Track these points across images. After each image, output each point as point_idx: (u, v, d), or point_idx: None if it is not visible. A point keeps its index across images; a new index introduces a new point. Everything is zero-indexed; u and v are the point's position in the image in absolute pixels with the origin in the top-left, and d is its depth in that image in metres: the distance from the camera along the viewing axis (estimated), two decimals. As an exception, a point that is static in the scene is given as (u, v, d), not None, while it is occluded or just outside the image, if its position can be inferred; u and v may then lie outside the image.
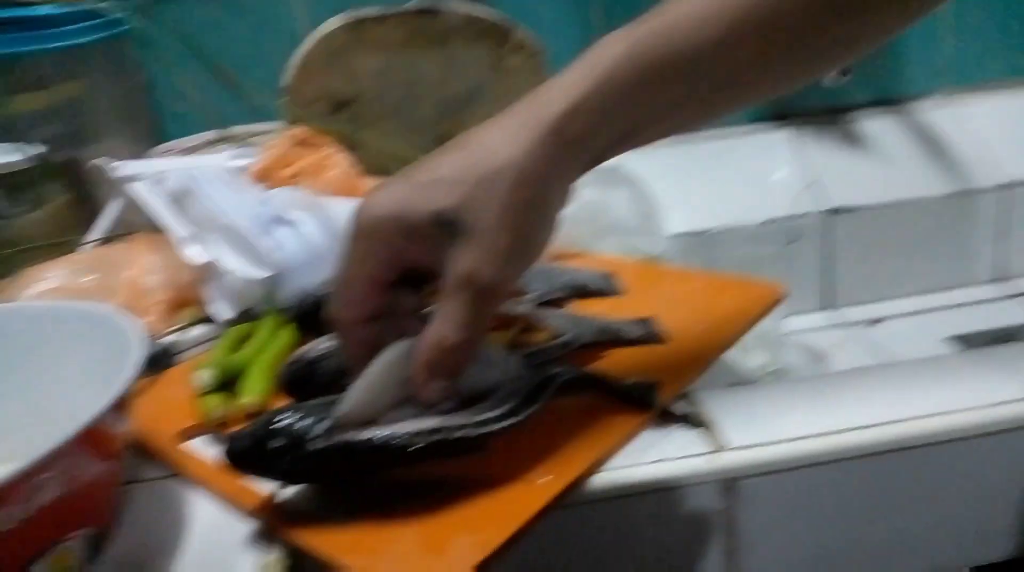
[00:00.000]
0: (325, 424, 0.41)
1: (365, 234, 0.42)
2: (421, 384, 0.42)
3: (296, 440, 0.40)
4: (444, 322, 0.41)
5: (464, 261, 0.40)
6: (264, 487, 0.46)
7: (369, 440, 0.40)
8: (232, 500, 0.45)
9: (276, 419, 0.41)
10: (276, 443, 0.40)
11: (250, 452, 0.41)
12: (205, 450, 0.51)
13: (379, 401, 0.42)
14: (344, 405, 0.41)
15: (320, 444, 0.40)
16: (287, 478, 0.43)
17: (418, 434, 0.41)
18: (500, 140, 0.40)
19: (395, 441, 0.41)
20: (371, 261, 0.42)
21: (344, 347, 0.45)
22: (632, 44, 0.41)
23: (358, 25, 0.87)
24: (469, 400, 0.44)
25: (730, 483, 0.46)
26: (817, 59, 0.43)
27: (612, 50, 0.41)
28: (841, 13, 0.40)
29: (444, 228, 0.40)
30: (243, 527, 0.44)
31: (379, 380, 0.42)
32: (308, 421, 0.41)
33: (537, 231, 0.42)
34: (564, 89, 0.41)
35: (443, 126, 0.92)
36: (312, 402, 0.42)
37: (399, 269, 0.43)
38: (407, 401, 0.43)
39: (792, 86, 0.44)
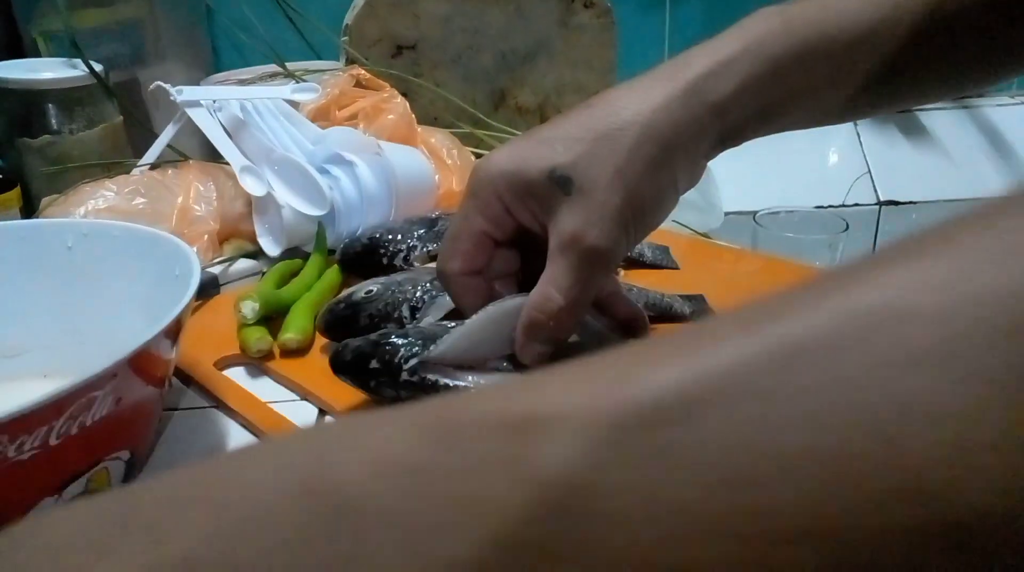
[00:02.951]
0: (416, 360, 0.41)
1: (479, 189, 0.41)
2: (520, 346, 0.41)
3: (390, 367, 0.41)
4: (547, 284, 0.39)
5: (572, 221, 0.38)
6: (303, 424, 0.45)
7: (447, 384, 0.41)
8: (269, 435, 0.45)
9: (384, 340, 0.42)
10: (374, 364, 0.42)
11: (351, 365, 0.43)
12: (243, 380, 0.51)
13: (475, 350, 0.42)
14: (438, 347, 0.41)
15: (407, 377, 0.41)
16: (376, 396, 0.43)
17: None
18: (629, 97, 0.38)
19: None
20: (481, 218, 0.41)
21: (453, 297, 0.44)
22: (788, 19, 0.38)
23: (427, -33, 0.85)
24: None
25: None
26: (994, 63, 0.40)
27: (766, 22, 0.39)
28: None
29: (557, 185, 0.38)
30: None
31: (478, 329, 0.42)
32: (411, 350, 0.42)
33: (654, 196, 0.39)
34: (708, 52, 0.38)
35: (501, 80, 0.91)
36: (428, 331, 0.43)
37: (509, 228, 0.41)
38: (508, 357, 0.42)
39: (952, 93, 0.42)
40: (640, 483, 0.14)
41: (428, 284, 0.50)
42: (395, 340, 0.42)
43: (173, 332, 0.39)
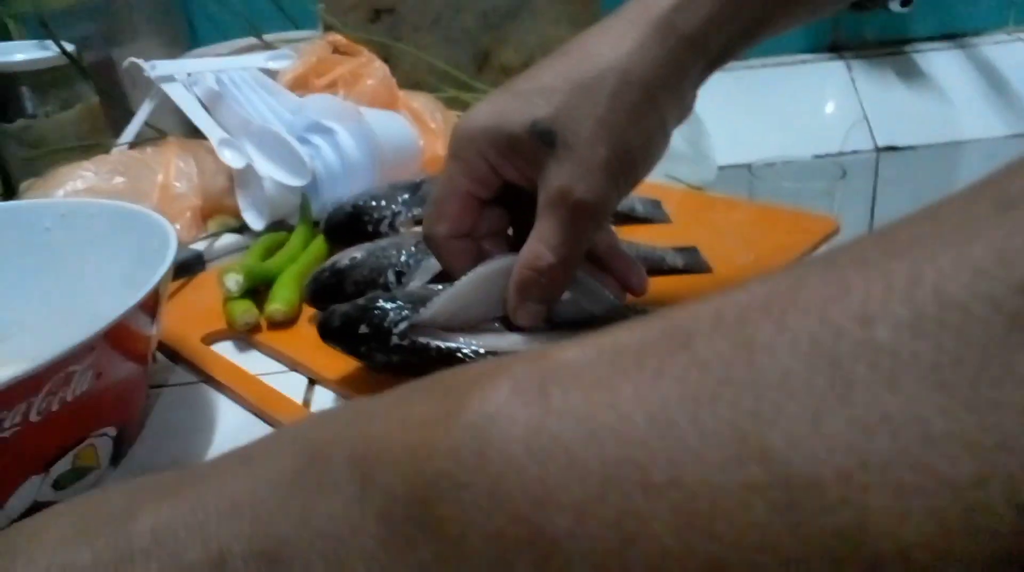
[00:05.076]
0: (406, 323, 0.40)
1: (461, 150, 0.39)
2: (513, 306, 0.40)
3: (380, 331, 0.40)
4: (537, 241, 0.38)
5: (559, 176, 0.37)
6: (294, 395, 0.45)
7: (438, 346, 0.40)
8: (259, 407, 0.44)
9: (372, 305, 0.41)
10: (363, 329, 0.41)
11: (339, 330, 0.42)
12: (231, 354, 0.50)
13: (466, 312, 0.41)
14: (428, 309, 0.40)
15: (397, 340, 0.40)
16: (367, 361, 0.43)
17: (491, 352, 0.40)
18: (603, 42, 0.37)
19: (462, 353, 0.40)
20: (465, 177, 0.40)
21: (442, 261, 0.43)
22: None
23: (400, -70, 0.83)
24: (563, 329, 0.42)
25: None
26: None
27: None
28: None
29: (540, 139, 0.37)
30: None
31: (468, 291, 0.41)
32: (400, 314, 0.41)
33: (642, 143, 0.37)
34: None
35: (483, 40, 0.89)
36: (417, 294, 0.42)
37: (495, 186, 0.40)
38: (501, 319, 0.41)
39: None
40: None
41: (413, 248, 0.49)
42: (384, 304, 0.41)
43: (150, 305, 0.38)
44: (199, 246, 0.62)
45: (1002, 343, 0.11)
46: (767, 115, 1.03)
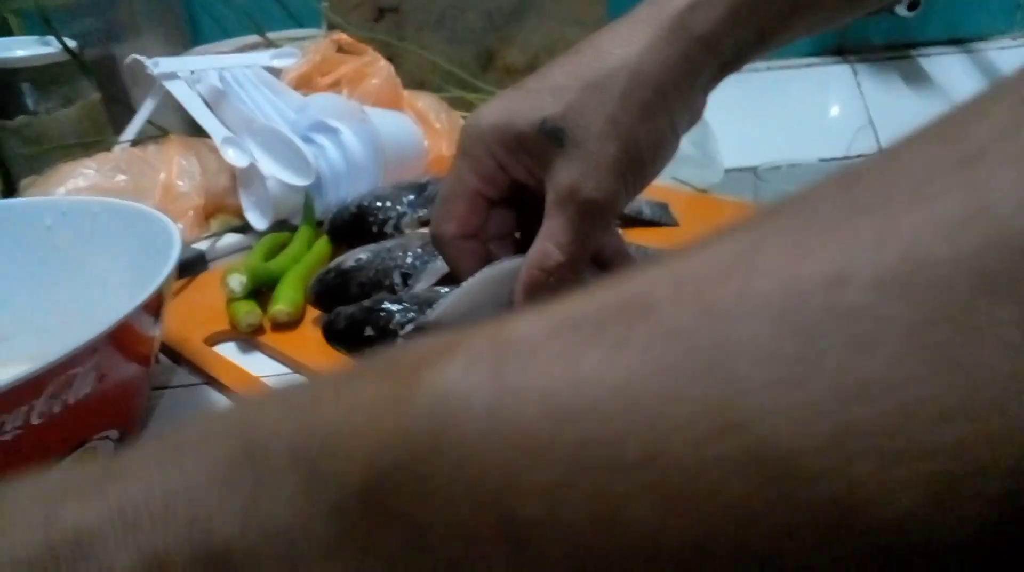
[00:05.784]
0: (412, 325, 0.40)
1: (471, 147, 0.39)
2: (520, 307, 0.39)
3: (386, 333, 0.40)
4: (546, 240, 0.38)
5: (567, 174, 0.36)
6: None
7: None
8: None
9: (378, 307, 0.41)
10: (369, 331, 0.41)
11: (344, 333, 0.42)
12: (234, 356, 0.49)
13: (473, 314, 0.40)
14: (434, 311, 0.40)
15: (403, 342, 0.40)
16: None
17: None
18: (614, 42, 0.36)
19: None
20: (474, 176, 0.39)
21: (449, 261, 0.42)
22: None
23: (405, -72, 0.82)
24: None
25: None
26: None
27: None
28: None
29: (549, 137, 0.36)
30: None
31: (475, 292, 0.40)
32: (406, 316, 0.41)
33: (652, 142, 0.37)
34: None
35: (488, 40, 0.88)
36: (423, 296, 0.42)
37: (503, 185, 0.40)
38: None
39: None
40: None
41: (419, 249, 0.49)
42: (389, 306, 0.41)
43: (154, 306, 0.38)
44: (201, 246, 0.61)
45: (970, 305, 0.11)
46: (773, 118, 1.02)
